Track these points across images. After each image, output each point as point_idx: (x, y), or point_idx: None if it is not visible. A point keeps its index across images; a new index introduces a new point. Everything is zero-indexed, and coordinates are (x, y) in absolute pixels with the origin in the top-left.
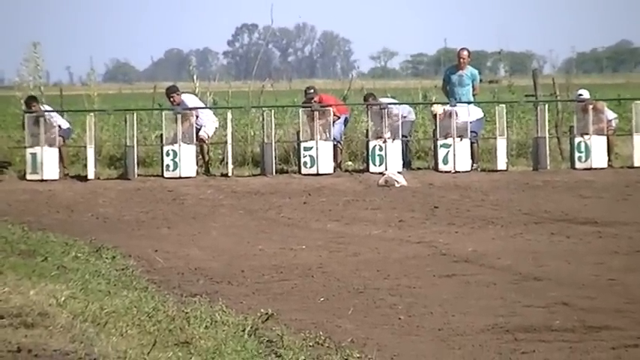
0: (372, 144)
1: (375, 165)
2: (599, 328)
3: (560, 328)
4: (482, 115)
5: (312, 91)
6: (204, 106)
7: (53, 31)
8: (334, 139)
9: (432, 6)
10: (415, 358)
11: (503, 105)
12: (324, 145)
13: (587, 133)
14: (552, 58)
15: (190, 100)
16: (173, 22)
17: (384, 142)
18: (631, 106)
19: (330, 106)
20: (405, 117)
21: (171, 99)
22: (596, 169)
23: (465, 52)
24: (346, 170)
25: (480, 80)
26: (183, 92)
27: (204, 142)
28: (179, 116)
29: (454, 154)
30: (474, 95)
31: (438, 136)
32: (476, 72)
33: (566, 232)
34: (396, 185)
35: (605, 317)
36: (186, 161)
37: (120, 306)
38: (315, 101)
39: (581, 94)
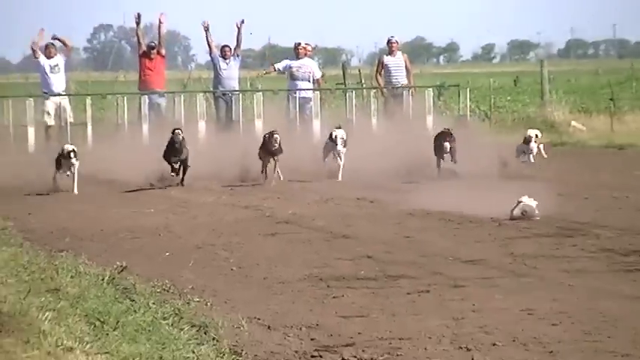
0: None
1: None
2: (397, 277)
3: (365, 277)
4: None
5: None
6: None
7: None
8: None
9: (256, 4)
10: (244, 302)
11: (317, 92)
12: None
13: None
14: (359, 53)
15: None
16: (41, 22)
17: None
18: (424, 92)
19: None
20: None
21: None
22: None
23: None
24: None
25: None
26: None
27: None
28: (47, 101)
29: None
30: None
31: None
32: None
33: (370, 197)
34: (536, 218)
35: (402, 268)
36: None
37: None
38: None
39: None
